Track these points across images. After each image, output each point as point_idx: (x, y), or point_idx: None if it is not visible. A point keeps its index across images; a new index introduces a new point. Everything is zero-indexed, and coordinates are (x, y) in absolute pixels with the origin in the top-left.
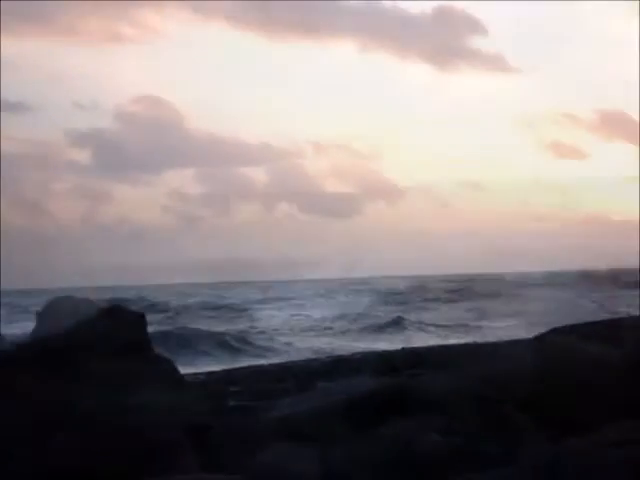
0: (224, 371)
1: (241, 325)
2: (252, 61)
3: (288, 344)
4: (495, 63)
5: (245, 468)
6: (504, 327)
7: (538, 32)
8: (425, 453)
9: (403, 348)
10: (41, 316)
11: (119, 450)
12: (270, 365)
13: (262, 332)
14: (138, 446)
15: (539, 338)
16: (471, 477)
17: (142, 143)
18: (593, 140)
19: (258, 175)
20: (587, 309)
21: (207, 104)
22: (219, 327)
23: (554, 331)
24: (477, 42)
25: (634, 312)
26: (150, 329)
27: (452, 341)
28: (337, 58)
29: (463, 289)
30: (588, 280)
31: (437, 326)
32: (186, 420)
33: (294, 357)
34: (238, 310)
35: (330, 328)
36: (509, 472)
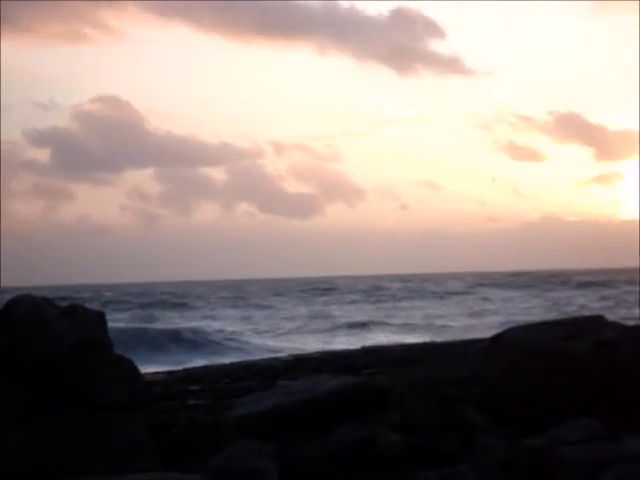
0: (184, 370)
1: (201, 323)
2: (212, 62)
3: (247, 343)
4: (452, 65)
5: (205, 466)
6: (462, 326)
7: (494, 34)
8: (383, 451)
9: (362, 347)
10: (0, 316)
11: (81, 448)
12: (231, 364)
13: (221, 330)
14: (100, 444)
15: (496, 337)
16: (428, 474)
17: (101, 142)
18: (548, 142)
19: (218, 175)
20: (543, 308)
21: (167, 104)
22: (179, 325)
23: (511, 330)
24: (434, 44)
25: (588, 311)
26: (110, 327)
27: (411, 340)
28: (297, 60)
29: (421, 288)
30: (544, 279)
31: (396, 325)
32: (147, 418)
33: (254, 356)
34: (198, 308)
35: (289, 327)
36: (465, 470)
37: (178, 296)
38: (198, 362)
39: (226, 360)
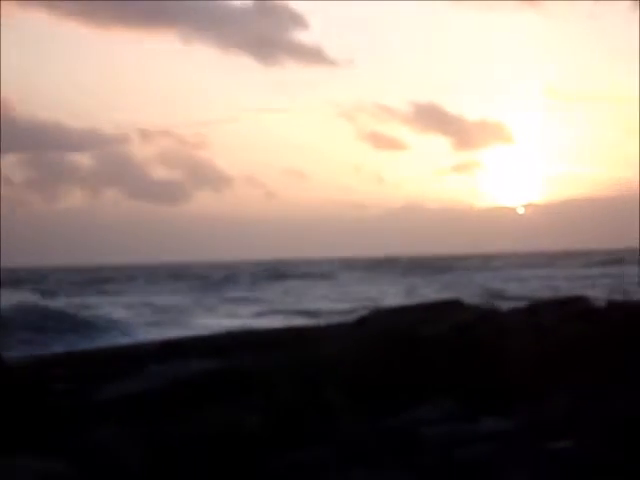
0: (51, 354)
1: (64, 308)
2: (77, 50)
3: (112, 327)
4: (315, 55)
5: (70, 451)
6: (326, 309)
7: (355, 25)
8: (247, 433)
9: (228, 331)
10: None
11: None
12: (96, 348)
13: (85, 315)
14: None
15: (359, 321)
16: (291, 456)
17: None
18: (409, 131)
19: (84, 160)
20: (405, 292)
21: (32, 90)
22: (42, 309)
23: (373, 314)
24: (297, 34)
25: (447, 295)
26: None
27: (276, 323)
28: (162, 48)
29: (286, 273)
30: (407, 265)
31: (262, 308)
32: (8, 404)
33: (119, 340)
34: (60, 293)
35: (156, 312)
36: (327, 450)
37: (42, 281)
38: (62, 346)
39: (91, 345)
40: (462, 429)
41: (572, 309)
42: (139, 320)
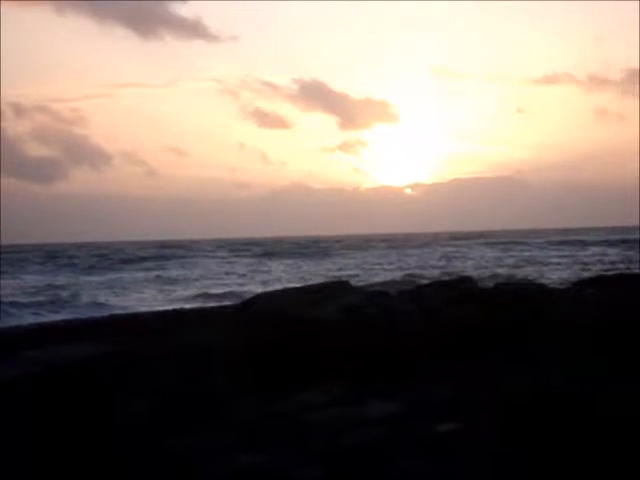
0: None
1: None
2: None
3: None
4: (195, 30)
5: None
6: (208, 293)
7: (238, 1)
8: (129, 418)
9: (112, 314)
10: None
11: None
12: None
13: None
14: None
15: (246, 303)
16: (175, 442)
17: None
18: (294, 109)
19: None
20: (292, 275)
21: None
22: None
23: (260, 296)
24: (176, 7)
25: (335, 278)
26: None
27: (160, 307)
28: (35, 18)
29: (166, 255)
30: (293, 246)
31: (144, 292)
32: None
33: None
34: None
35: (31, 294)
36: (212, 436)
37: None
38: None
39: None
40: (349, 413)
41: (459, 290)
42: (9, 302)
